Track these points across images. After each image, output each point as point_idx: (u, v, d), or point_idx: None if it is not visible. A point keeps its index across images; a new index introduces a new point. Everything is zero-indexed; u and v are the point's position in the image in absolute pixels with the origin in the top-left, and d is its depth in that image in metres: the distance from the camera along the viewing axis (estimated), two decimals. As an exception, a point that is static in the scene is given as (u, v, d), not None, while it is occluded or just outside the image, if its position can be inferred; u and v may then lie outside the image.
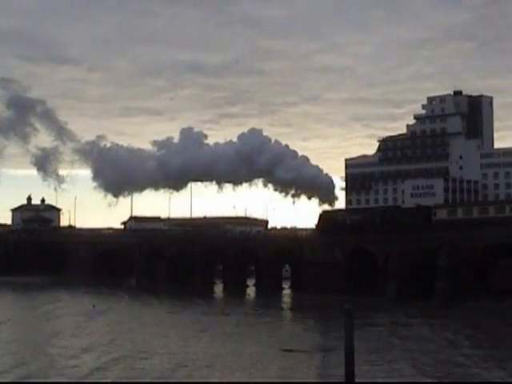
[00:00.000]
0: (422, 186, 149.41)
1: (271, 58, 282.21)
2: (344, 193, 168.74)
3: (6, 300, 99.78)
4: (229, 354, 52.03)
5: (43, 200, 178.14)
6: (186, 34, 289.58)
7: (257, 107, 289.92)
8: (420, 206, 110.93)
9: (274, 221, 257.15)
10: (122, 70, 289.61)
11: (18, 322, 75.28)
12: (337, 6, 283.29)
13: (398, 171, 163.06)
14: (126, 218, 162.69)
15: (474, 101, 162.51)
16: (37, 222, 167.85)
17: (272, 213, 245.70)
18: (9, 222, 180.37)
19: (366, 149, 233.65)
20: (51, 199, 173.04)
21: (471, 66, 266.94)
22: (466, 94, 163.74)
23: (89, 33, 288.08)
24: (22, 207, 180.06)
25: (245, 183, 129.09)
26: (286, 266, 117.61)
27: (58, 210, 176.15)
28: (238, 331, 65.65)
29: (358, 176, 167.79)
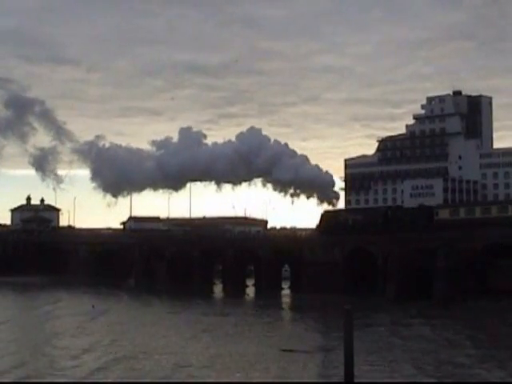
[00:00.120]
0: (422, 186, 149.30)
1: (270, 58, 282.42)
2: (343, 193, 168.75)
3: (6, 300, 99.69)
4: (228, 354, 52.02)
5: (42, 200, 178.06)
6: (186, 34, 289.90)
7: (256, 107, 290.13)
8: (422, 206, 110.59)
9: (273, 221, 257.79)
10: (122, 70, 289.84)
11: (18, 322, 75.20)
12: (336, 6, 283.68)
13: (397, 171, 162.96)
14: (125, 218, 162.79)
15: (474, 101, 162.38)
16: (36, 222, 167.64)
17: (271, 213, 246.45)
18: (8, 222, 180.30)
19: (366, 149, 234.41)
20: (50, 199, 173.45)
21: (470, 66, 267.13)
22: (466, 94, 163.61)
23: (88, 33, 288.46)
24: (21, 207, 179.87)
25: (244, 183, 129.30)
26: (286, 266, 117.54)
27: (57, 210, 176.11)
28: (237, 331, 65.62)
29: (357, 176, 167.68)
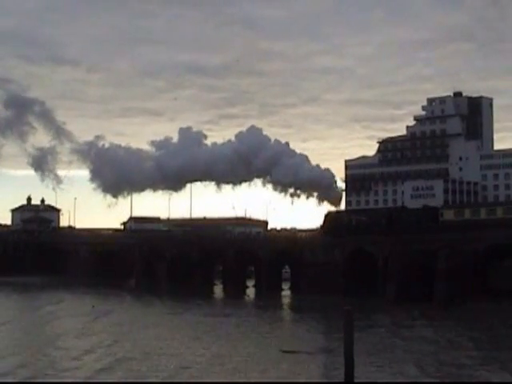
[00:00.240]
0: (422, 188, 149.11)
1: (271, 59, 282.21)
2: (344, 194, 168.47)
3: (8, 300, 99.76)
4: (229, 355, 52.04)
5: (43, 200, 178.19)
6: (186, 34, 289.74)
7: (256, 108, 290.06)
8: (427, 207, 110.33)
9: (273, 221, 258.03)
10: (122, 71, 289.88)
11: (21, 322, 75.12)
12: (336, 7, 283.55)
13: (397, 172, 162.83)
14: (125, 219, 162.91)
15: (474, 102, 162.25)
16: (36, 222, 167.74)
17: (272, 213, 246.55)
18: (8, 222, 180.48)
19: (366, 150, 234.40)
20: (51, 200, 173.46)
21: (471, 67, 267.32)
22: (466, 95, 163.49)
23: (88, 33, 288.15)
24: (21, 207, 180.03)
25: (244, 183, 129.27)
26: (286, 267, 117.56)
27: (57, 211, 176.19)
28: (238, 332, 65.63)
29: (357, 177, 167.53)
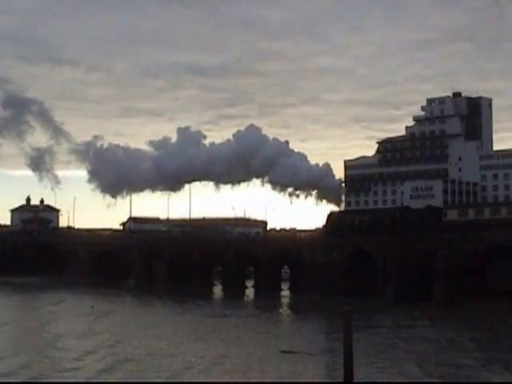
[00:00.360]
0: (421, 188, 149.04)
1: (270, 59, 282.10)
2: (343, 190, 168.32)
3: (9, 301, 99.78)
4: (229, 355, 52.06)
5: (42, 201, 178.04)
6: (185, 34, 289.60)
7: (256, 108, 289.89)
8: (430, 207, 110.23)
9: (273, 222, 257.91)
10: (121, 71, 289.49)
11: (21, 323, 75.19)
12: (336, 7, 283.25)
13: (397, 173, 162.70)
14: (125, 219, 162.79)
15: (474, 102, 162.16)
16: (36, 222, 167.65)
17: (271, 214, 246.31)
18: (8, 222, 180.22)
19: (365, 150, 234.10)
20: (50, 200, 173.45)
21: (470, 67, 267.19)
22: (466, 95, 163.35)
23: (87, 33, 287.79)
24: (21, 208, 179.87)
25: (243, 183, 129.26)
26: (285, 267, 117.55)
27: (56, 211, 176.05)
28: (237, 333, 65.68)
29: (357, 177, 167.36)
